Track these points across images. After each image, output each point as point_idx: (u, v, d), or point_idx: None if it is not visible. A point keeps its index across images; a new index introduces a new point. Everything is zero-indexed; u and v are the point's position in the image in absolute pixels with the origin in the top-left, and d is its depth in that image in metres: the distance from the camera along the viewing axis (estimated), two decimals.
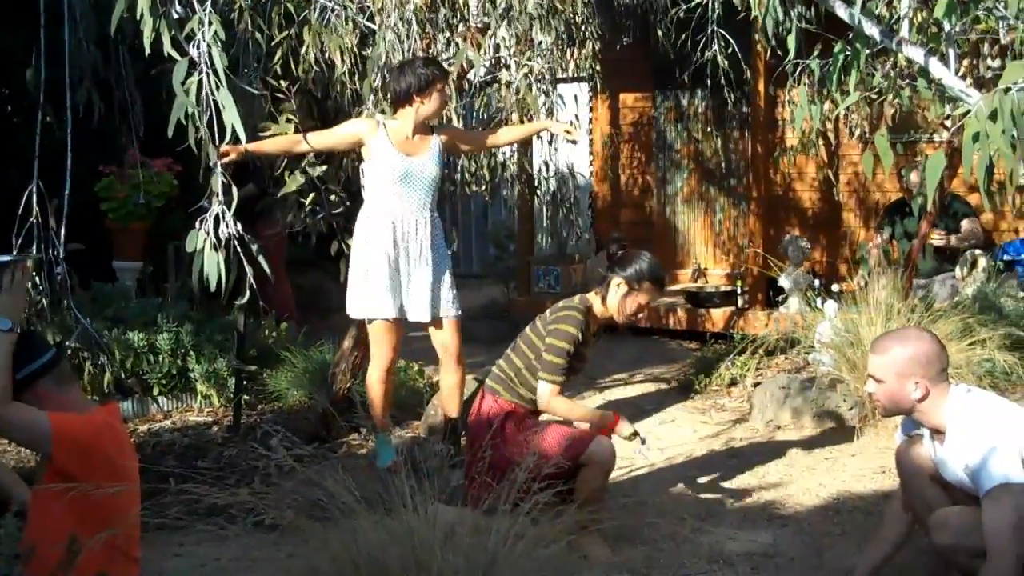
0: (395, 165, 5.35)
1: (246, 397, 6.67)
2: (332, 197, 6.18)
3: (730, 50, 6.64)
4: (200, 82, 3.94)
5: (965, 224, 8.06)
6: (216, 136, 4.04)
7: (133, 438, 6.01)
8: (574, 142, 5.77)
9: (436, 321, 5.52)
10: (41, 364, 3.54)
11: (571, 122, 5.48)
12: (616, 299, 4.80)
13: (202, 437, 6.22)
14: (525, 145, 7.95)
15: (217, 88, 3.92)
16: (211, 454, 5.90)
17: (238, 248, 4.23)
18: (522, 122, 6.00)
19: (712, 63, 6.86)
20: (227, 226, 4.21)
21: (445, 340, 5.59)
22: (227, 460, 5.75)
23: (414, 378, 7.07)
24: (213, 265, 4.10)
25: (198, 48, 3.96)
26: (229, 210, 4.23)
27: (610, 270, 4.84)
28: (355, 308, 5.55)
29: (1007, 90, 3.22)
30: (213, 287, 4.08)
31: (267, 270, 4.41)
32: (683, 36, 7.16)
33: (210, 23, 3.98)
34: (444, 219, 5.78)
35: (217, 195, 4.22)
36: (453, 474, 4.93)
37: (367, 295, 5.45)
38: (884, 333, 4.25)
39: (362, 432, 6.10)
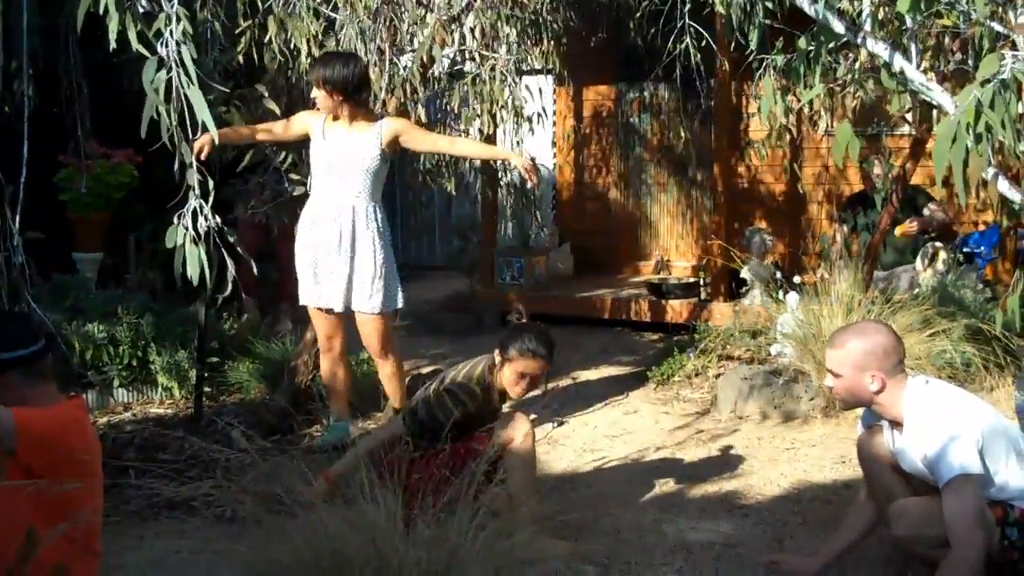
0: (319, 152, 5.44)
1: (207, 389, 6.63)
2: (294, 189, 6.17)
3: (703, 43, 6.65)
4: (170, 80, 3.91)
5: (931, 205, 8.14)
6: (188, 133, 4.01)
7: (95, 430, 5.96)
8: (533, 189, 5.74)
9: (359, 314, 5.53)
10: (16, 356, 3.45)
11: (532, 162, 5.38)
12: (500, 374, 4.62)
13: (163, 429, 6.17)
14: (490, 137, 7.94)
15: (188, 86, 3.89)
16: (172, 447, 5.86)
17: (218, 241, 4.21)
18: (492, 117, 5.99)
19: (677, 56, 6.86)
20: (206, 220, 4.19)
21: (364, 334, 5.61)
22: (188, 453, 5.71)
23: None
24: (195, 259, 4.08)
25: (166, 46, 3.93)
26: (207, 204, 4.21)
27: (499, 347, 4.65)
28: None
29: (986, 81, 3.24)
30: (196, 281, 4.05)
31: (250, 261, 4.41)
32: (651, 29, 7.16)
33: (178, 19, 3.94)
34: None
35: (193, 189, 4.19)
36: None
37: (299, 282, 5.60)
38: (841, 327, 4.28)
39: (324, 424, 6.08)
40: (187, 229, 4.05)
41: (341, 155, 5.40)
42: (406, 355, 8.02)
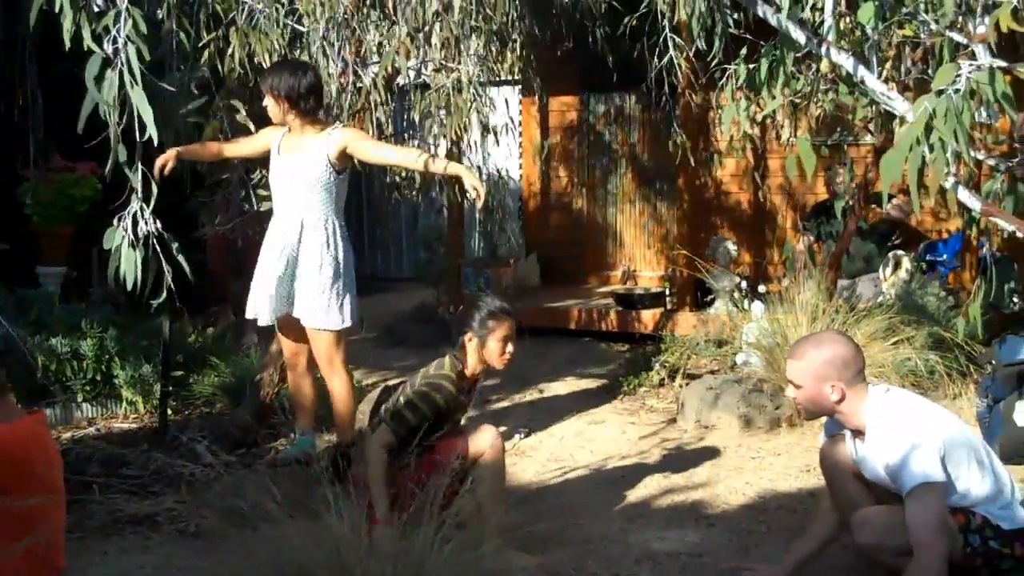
0: (274, 167, 5.42)
1: (172, 403, 6.59)
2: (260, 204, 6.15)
3: (684, 54, 6.66)
4: (115, 78, 3.87)
5: (894, 201, 8.18)
6: (137, 134, 3.97)
7: (56, 445, 5.90)
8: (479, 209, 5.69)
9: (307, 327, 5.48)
10: None
11: (479, 185, 5.29)
12: (477, 354, 4.61)
13: (127, 444, 6.12)
14: (456, 149, 7.94)
15: (132, 85, 3.85)
16: (136, 462, 5.80)
17: (156, 247, 4.16)
18: (459, 127, 5.97)
19: (643, 66, 6.86)
20: (146, 224, 4.15)
21: (312, 347, 5.54)
22: (152, 468, 5.66)
23: None
24: (131, 263, 4.03)
25: (115, 43, 3.89)
26: (148, 207, 4.17)
27: (459, 334, 4.65)
28: None
29: (941, 91, 3.27)
30: (130, 285, 4.01)
31: (186, 269, 4.33)
32: (619, 40, 7.17)
33: (128, 16, 3.90)
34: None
35: (136, 192, 4.15)
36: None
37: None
38: (801, 338, 4.31)
39: (290, 437, 6.05)
40: (126, 232, 4.01)
41: (292, 169, 5.33)
42: (373, 366, 8.04)
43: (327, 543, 3.27)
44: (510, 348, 4.63)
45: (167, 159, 5.16)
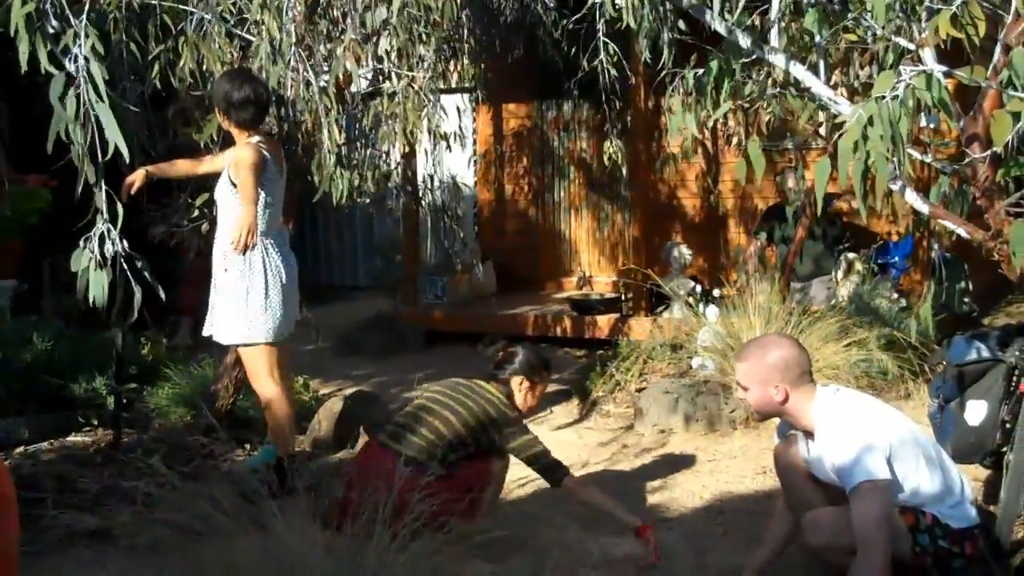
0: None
1: (126, 416, 6.52)
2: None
3: (615, 59, 6.69)
4: (79, 97, 3.85)
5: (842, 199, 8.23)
6: (100, 152, 3.95)
7: (8, 461, 5.84)
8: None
9: None
10: None
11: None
12: (523, 395, 4.98)
13: (80, 459, 6.06)
14: (409, 156, 7.93)
15: (97, 102, 3.83)
16: (90, 476, 5.76)
17: (124, 266, 4.14)
18: (410, 136, 5.97)
19: (594, 73, 6.89)
20: (112, 244, 4.13)
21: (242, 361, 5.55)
22: (107, 482, 5.62)
23: (299, 391, 7.01)
24: (98, 285, 4.01)
25: (75, 62, 3.87)
26: (115, 227, 4.15)
27: (513, 369, 4.98)
28: None
29: (879, 98, 3.31)
30: (98, 303, 3.98)
31: (160, 292, 4.31)
32: (568, 47, 7.20)
33: (87, 36, 3.89)
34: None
35: (101, 212, 4.13)
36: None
37: None
38: (747, 341, 4.35)
39: (246, 448, 6.02)
40: (92, 253, 3.99)
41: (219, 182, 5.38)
42: (331, 376, 8.01)
43: (280, 556, 3.26)
44: (539, 400, 5.11)
45: (136, 178, 5.17)
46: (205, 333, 5.50)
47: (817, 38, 4.42)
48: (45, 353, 6.77)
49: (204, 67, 5.63)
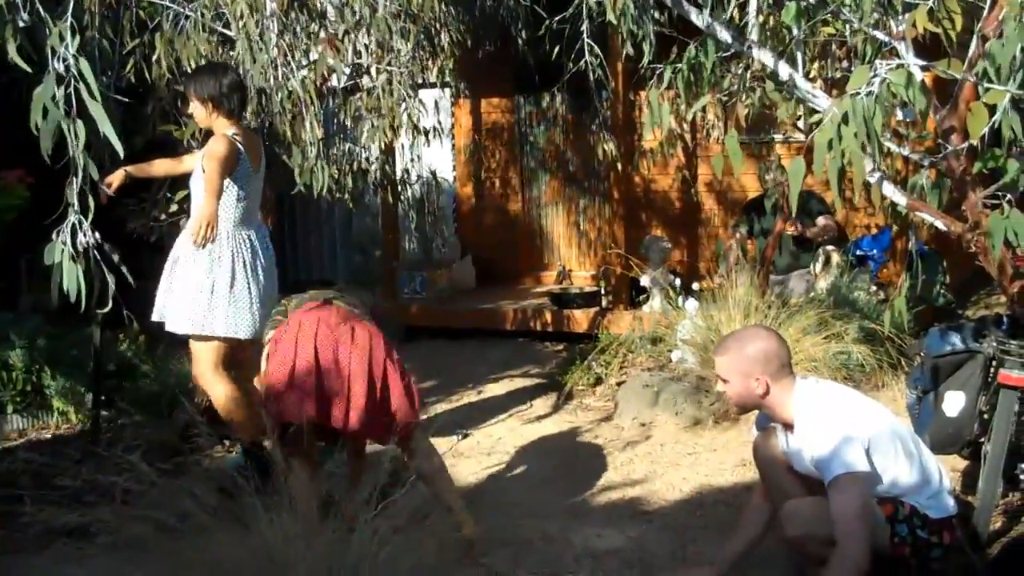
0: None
1: (105, 412, 6.50)
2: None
3: (600, 56, 6.69)
4: (69, 96, 3.82)
5: (820, 220, 8.26)
6: (92, 149, 3.92)
7: None
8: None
9: None
10: None
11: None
12: None
13: (59, 455, 6.05)
14: (388, 151, 7.92)
15: (91, 100, 3.80)
16: (69, 472, 5.74)
17: (98, 258, 4.11)
18: (391, 131, 5.96)
19: (573, 67, 6.89)
20: (85, 236, 4.10)
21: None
22: (85, 478, 5.60)
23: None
24: (72, 277, 3.98)
25: (64, 61, 3.85)
26: (87, 219, 4.12)
27: None
28: None
29: (855, 94, 3.33)
30: (73, 299, 3.96)
31: (130, 279, 4.29)
32: (547, 41, 7.19)
33: (73, 34, 3.86)
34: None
35: (73, 205, 4.10)
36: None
37: None
38: (727, 334, 4.36)
39: (225, 444, 6.01)
40: (65, 245, 3.96)
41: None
42: None
43: (261, 552, 3.25)
44: None
45: (114, 179, 5.16)
46: (154, 318, 5.40)
47: (795, 31, 4.44)
48: (23, 349, 6.73)
49: (181, 62, 5.61)
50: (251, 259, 5.30)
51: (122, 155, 4.15)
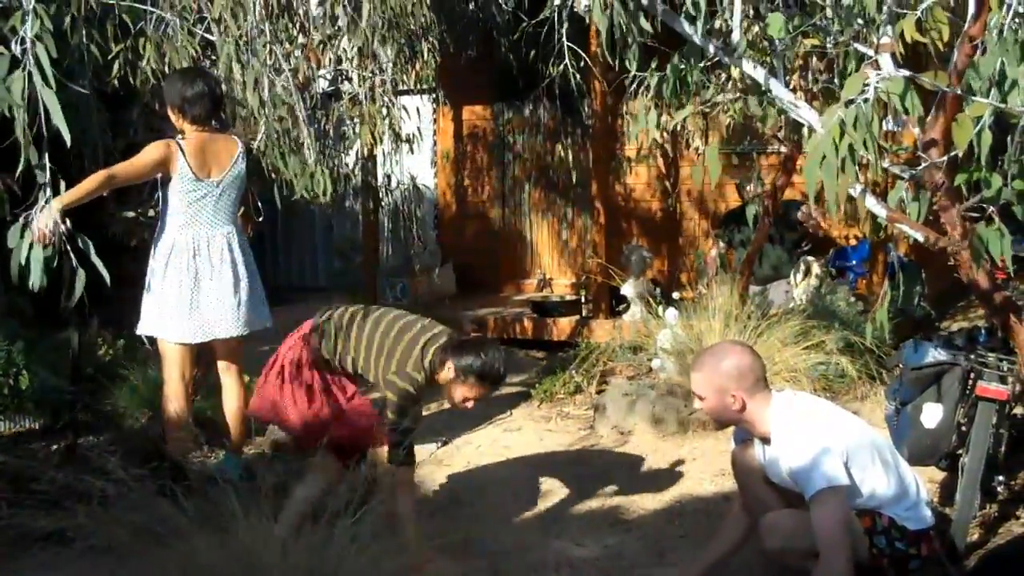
0: None
1: (83, 417, 6.46)
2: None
3: (582, 64, 6.71)
4: (24, 80, 3.77)
5: (804, 207, 8.23)
6: (44, 128, 3.86)
7: None
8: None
9: None
10: None
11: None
12: (447, 385, 4.52)
13: (36, 459, 6.00)
14: (369, 158, 7.92)
15: (43, 85, 3.77)
16: (45, 477, 5.69)
17: (68, 248, 4.06)
18: (373, 137, 5.95)
19: (554, 76, 6.90)
20: (55, 224, 4.06)
21: None
22: (62, 483, 5.55)
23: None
24: (38, 263, 3.92)
25: (22, 44, 3.81)
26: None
27: (450, 353, 4.48)
28: None
29: (850, 102, 3.34)
30: (36, 285, 3.89)
31: (104, 272, 4.23)
32: (528, 49, 7.19)
33: (36, 15, 3.81)
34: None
35: (44, 188, 4.06)
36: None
37: None
38: (701, 350, 4.36)
39: (204, 449, 5.98)
40: (29, 226, 3.91)
41: None
42: None
43: (240, 557, 3.24)
44: (470, 405, 4.55)
45: (46, 226, 4.25)
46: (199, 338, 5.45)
47: (778, 43, 4.46)
48: (0, 353, 6.68)
49: (166, 66, 5.59)
50: (210, 267, 5.32)
51: (56, 206, 4.07)
